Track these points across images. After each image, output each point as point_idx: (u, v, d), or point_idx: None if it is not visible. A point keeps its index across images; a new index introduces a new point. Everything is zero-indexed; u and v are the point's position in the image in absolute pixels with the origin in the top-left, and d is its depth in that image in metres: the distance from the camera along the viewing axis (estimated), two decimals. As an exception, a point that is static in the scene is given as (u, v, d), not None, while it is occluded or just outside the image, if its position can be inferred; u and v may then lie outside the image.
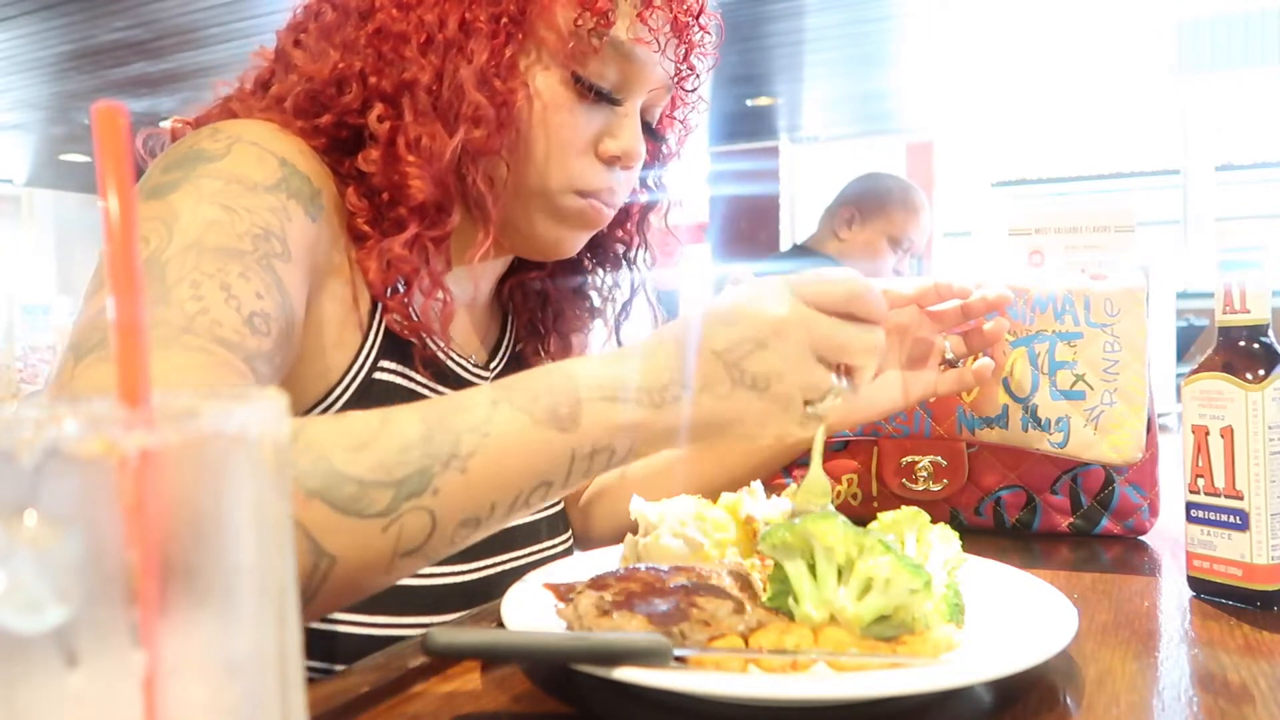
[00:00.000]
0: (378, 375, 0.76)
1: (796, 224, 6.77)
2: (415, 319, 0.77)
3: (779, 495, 0.70)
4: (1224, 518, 0.68)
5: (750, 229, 6.63)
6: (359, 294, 0.76)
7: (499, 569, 0.83)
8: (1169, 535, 0.91)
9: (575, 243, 0.85)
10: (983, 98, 5.85)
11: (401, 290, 0.76)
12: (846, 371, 0.63)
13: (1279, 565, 0.66)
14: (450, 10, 0.74)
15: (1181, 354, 2.26)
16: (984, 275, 0.85)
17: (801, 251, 2.66)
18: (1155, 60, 4.86)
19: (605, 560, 0.71)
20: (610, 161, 0.81)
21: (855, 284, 0.63)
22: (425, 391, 0.80)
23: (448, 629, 0.50)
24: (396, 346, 0.78)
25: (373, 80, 0.75)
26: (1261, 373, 0.67)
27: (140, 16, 4.17)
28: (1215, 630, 0.64)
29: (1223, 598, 0.69)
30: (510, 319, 0.96)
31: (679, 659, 0.50)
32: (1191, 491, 0.70)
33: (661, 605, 0.52)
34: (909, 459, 0.94)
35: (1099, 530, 0.92)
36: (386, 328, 0.77)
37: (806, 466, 0.97)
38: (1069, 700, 0.52)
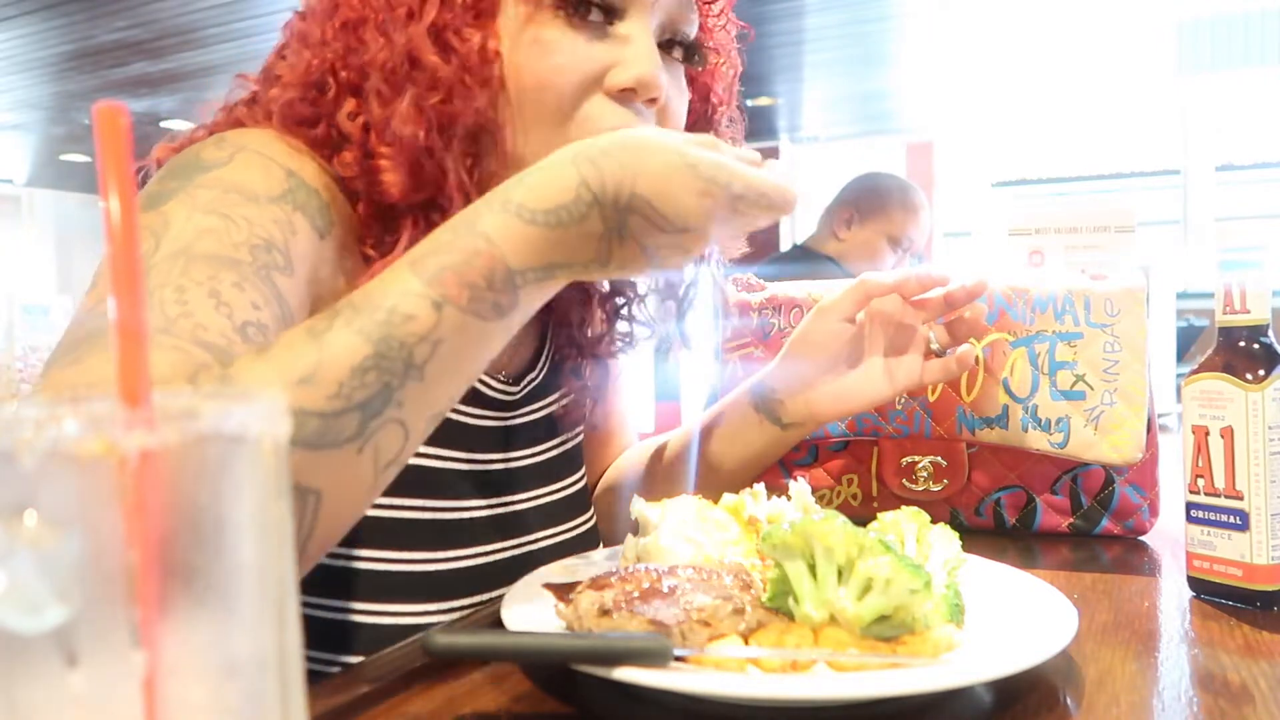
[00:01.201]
0: None
1: (796, 224, 6.76)
2: None
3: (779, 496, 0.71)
4: (1224, 518, 0.68)
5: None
6: None
7: (514, 553, 0.81)
8: (1169, 535, 0.90)
9: None
10: (983, 98, 5.85)
11: None
12: None
13: (1279, 565, 0.66)
14: None
15: (1181, 354, 2.27)
16: (984, 275, 0.85)
17: (801, 252, 2.66)
18: (1155, 60, 4.86)
19: (605, 560, 0.72)
20: (624, 97, 0.70)
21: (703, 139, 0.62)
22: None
23: (448, 630, 0.50)
24: None
25: (343, 75, 0.70)
26: (1261, 373, 0.67)
27: (140, 16, 4.17)
28: (1215, 630, 0.64)
29: (1223, 598, 0.69)
30: (549, 331, 0.89)
31: (679, 659, 0.50)
32: (1191, 491, 0.70)
33: (661, 605, 0.52)
34: (909, 459, 0.94)
35: (1099, 530, 0.92)
36: None
37: (807, 467, 0.98)
38: (1069, 700, 0.52)
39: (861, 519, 0.59)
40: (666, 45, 0.75)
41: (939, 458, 0.93)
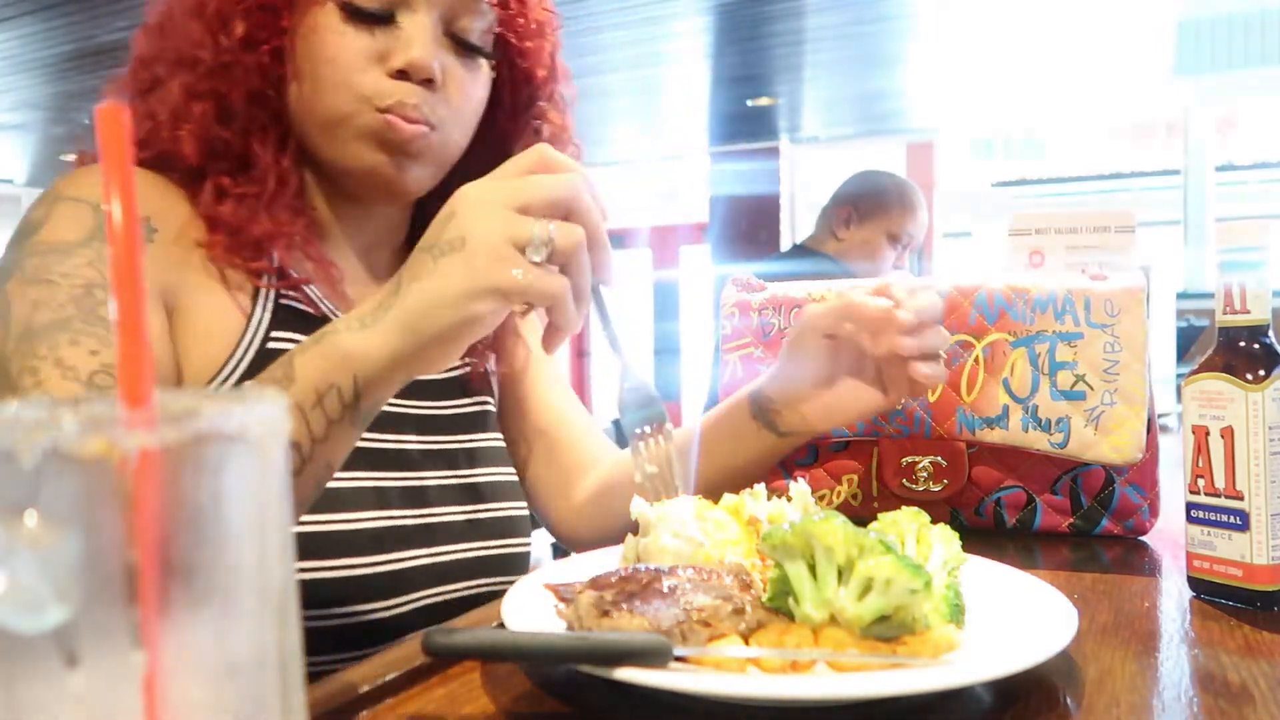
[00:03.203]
0: (271, 346, 0.78)
1: (796, 224, 6.77)
2: (291, 277, 0.81)
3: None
4: (1224, 518, 0.68)
5: (750, 229, 6.63)
6: (230, 280, 0.79)
7: (416, 521, 0.83)
8: (1169, 535, 0.91)
9: (406, 173, 0.82)
10: (983, 98, 5.85)
11: (268, 262, 0.79)
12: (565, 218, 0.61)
13: (1279, 565, 0.66)
14: None
15: (1181, 354, 2.27)
16: (984, 275, 0.85)
17: (801, 251, 2.66)
18: (1155, 60, 4.86)
19: (605, 560, 0.71)
20: (399, 76, 0.79)
21: (537, 148, 0.64)
22: None
23: (447, 630, 0.50)
24: (293, 318, 0.80)
25: (155, 69, 0.81)
26: (1261, 373, 0.67)
27: (140, 17, 4.17)
28: (1215, 630, 0.64)
29: (1223, 598, 0.69)
30: None
31: (679, 659, 0.50)
32: (1191, 492, 0.70)
33: (661, 605, 0.52)
34: (909, 459, 0.94)
35: (1099, 530, 0.92)
36: (276, 302, 0.80)
37: (807, 467, 0.98)
38: (1069, 700, 0.52)
39: (861, 519, 0.59)
40: (454, 38, 0.82)
41: (939, 458, 0.93)
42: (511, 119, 0.91)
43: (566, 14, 0.94)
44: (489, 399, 0.97)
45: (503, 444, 0.97)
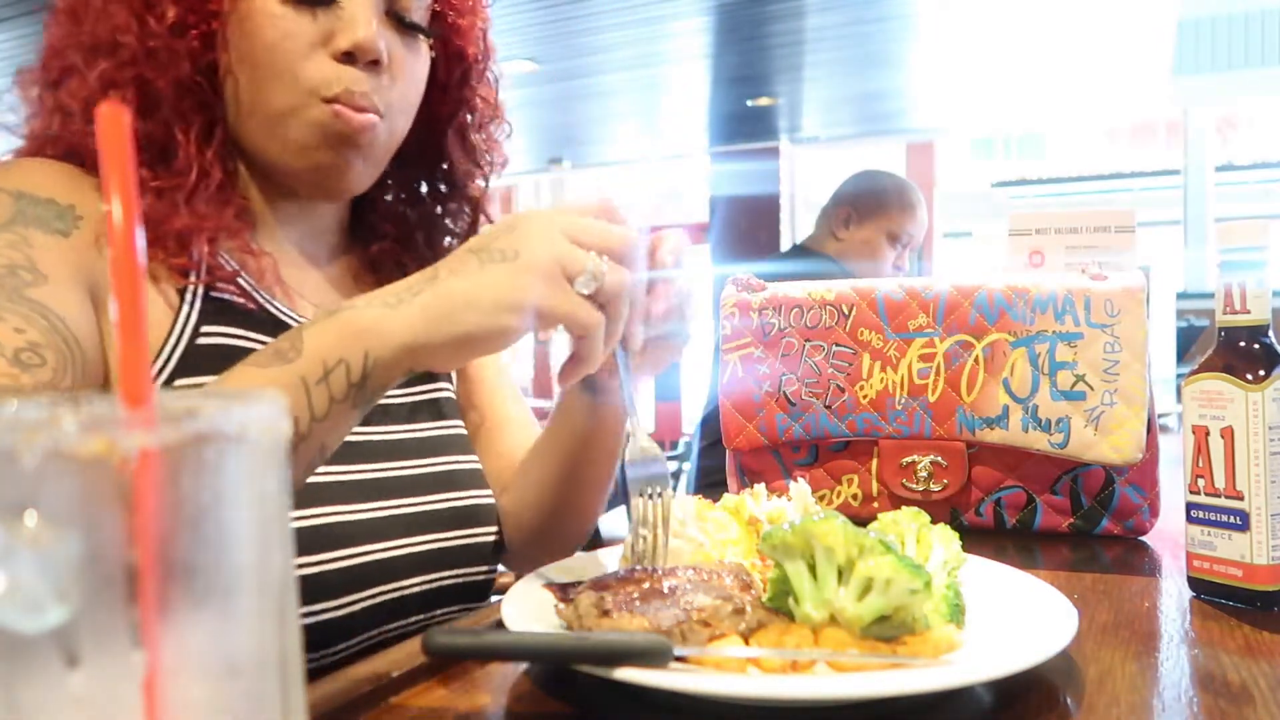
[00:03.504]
0: (201, 340, 0.76)
1: (796, 224, 6.77)
2: (226, 272, 0.78)
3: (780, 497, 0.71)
4: (1224, 518, 0.68)
5: (750, 229, 6.64)
6: (155, 274, 0.76)
7: (382, 514, 0.81)
8: (1169, 535, 0.90)
9: (351, 170, 0.81)
10: (983, 98, 5.85)
11: (195, 258, 0.76)
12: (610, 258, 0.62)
13: (1279, 565, 0.66)
14: None
15: (1181, 354, 2.27)
16: (984, 275, 0.85)
17: (801, 251, 2.66)
18: (1155, 60, 4.86)
19: (605, 560, 0.72)
20: (345, 60, 0.77)
21: (604, 198, 0.65)
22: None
23: (448, 630, 0.50)
24: (224, 311, 0.78)
25: (69, 58, 0.77)
26: (1261, 373, 0.67)
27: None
28: (1215, 630, 0.64)
29: (1223, 598, 0.69)
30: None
31: (679, 659, 0.50)
32: (1192, 492, 0.70)
33: (661, 605, 0.52)
34: (909, 459, 0.94)
35: (1099, 530, 0.92)
36: (205, 296, 0.77)
37: (807, 467, 0.98)
38: (1069, 700, 0.52)
39: (861, 519, 0.59)
40: (395, 18, 0.81)
41: (939, 458, 0.93)
42: (444, 99, 0.90)
43: (566, 14, 0.95)
44: (447, 384, 0.95)
45: (464, 431, 0.94)
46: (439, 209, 0.96)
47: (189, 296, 0.77)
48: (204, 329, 0.76)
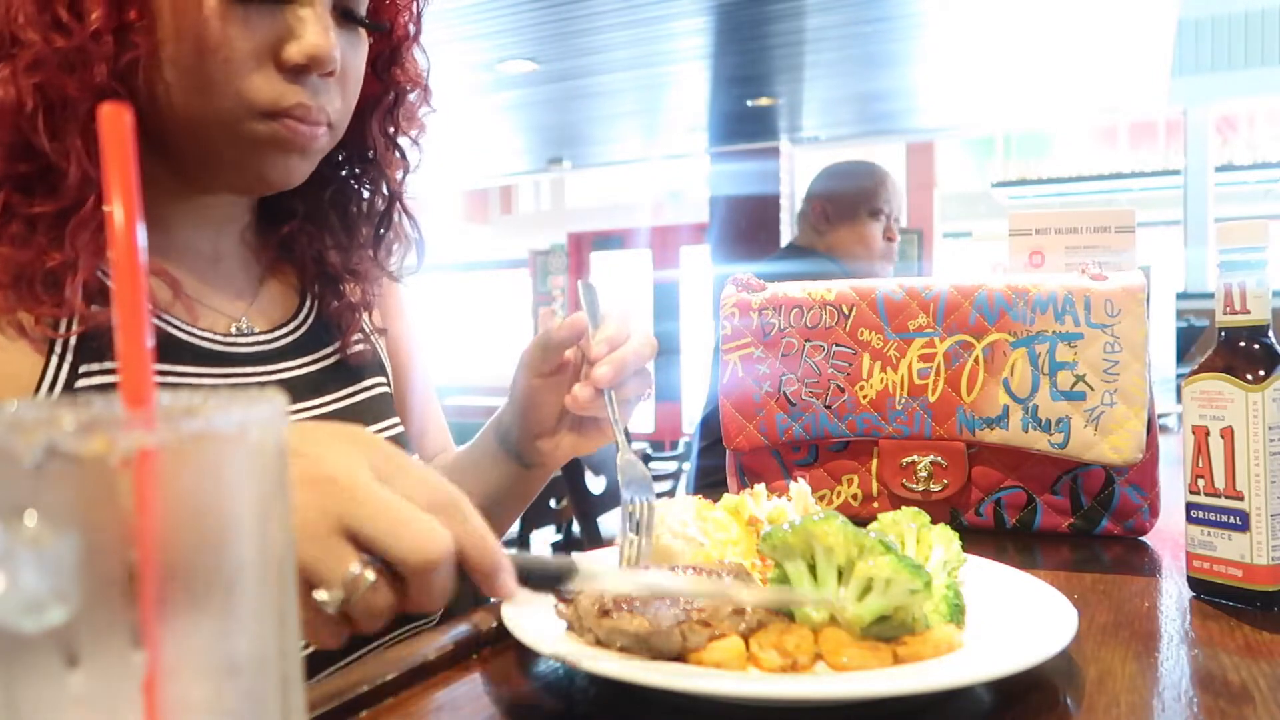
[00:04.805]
0: (81, 383, 0.68)
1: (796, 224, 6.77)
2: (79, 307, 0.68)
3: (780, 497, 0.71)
4: (1224, 518, 0.68)
5: (750, 229, 6.63)
6: (20, 323, 0.67)
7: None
8: (1169, 535, 0.90)
9: (293, 173, 0.74)
10: (983, 98, 5.85)
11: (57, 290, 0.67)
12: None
13: (1279, 566, 0.66)
14: None
15: (1181, 354, 2.27)
16: (984, 275, 0.85)
17: (795, 251, 2.67)
18: (1155, 60, 4.86)
19: (602, 560, 0.72)
20: (297, 71, 0.69)
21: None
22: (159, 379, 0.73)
23: None
24: (107, 345, 0.68)
25: None
26: (1261, 373, 0.67)
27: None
28: (1215, 630, 0.63)
29: (1223, 598, 0.69)
30: (307, 275, 0.87)
31: (679, 659, 0.50)
32: (1191, 492, 0.70)
33: (662, 605, 0.52)
34: (909, 459, 0.94)
35: (1099, 530, 0.92)
36: (80, 333, 0.68)
37: (807, 467, 0.98)
38: (1069, 700, 0.52)
39: (861, 519, 0.59)
40: (339, 12, 0.73)
41: (939, 457, 0.93)
42: (372, 81, 0.82)
43: (566, 14, 0.94)
44: (382, 379, 0.90)
45: (402, 430, 0.90)
46: (354, 185, 0.88)
47: (59, 341, 0.68)
48: (84, 368, 0.68)
